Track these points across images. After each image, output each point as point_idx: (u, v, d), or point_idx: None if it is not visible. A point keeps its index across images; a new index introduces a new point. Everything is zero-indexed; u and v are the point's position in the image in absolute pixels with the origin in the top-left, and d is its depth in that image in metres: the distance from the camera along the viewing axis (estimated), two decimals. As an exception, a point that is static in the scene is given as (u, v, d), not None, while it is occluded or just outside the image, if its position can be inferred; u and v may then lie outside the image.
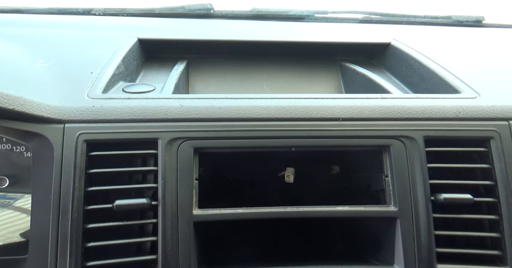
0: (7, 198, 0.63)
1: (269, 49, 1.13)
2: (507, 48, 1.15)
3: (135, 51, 1.02)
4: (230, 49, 1.11)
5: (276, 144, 0.68)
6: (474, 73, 0.88)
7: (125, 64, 0.93)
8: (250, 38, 1.09)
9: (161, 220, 0.60)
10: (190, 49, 1.10)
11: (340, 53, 1.16)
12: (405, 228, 0.64)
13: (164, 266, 0.58)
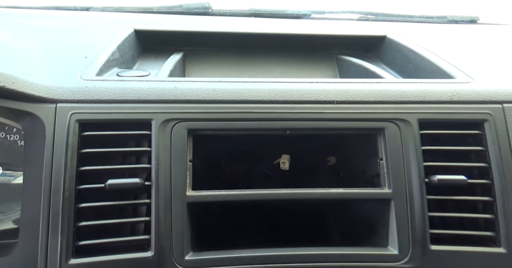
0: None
1: (266, 42, 1.13)
2: (500, 40, 1.17)
3: (131, 41, 1.01)
4: (227, 42, 1.11)
5: (271, 126, 0.68)
6: (468, 61, 0.88)
7: (120, 52, 0.93)
8: (247, 30, 1.10)
9: (154, 200, 0.59)
10: (186, 41, 1.10)
11: (336, 47, 1.16)
12: (399, 210, 0.64)
13: (157, 246, 0.57)
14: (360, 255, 0.62)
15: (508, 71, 0.83)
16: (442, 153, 0.68)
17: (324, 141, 0.94)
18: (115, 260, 0.56)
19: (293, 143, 0.89)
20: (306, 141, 0.94)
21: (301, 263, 0.60)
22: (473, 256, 0.61)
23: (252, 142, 0.92)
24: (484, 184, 0.65)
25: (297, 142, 0.92)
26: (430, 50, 0.98)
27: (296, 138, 0.92)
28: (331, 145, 0.94)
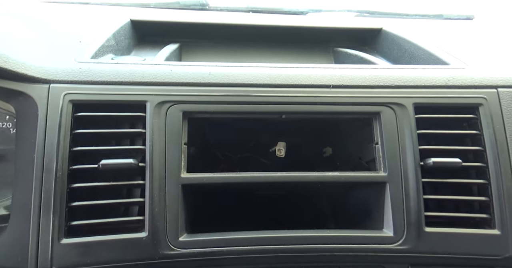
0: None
1: (262, 34, 1.13)
2: (495, 33, 1.17)
3: (126, 30, 1.01)
4: (224, 34, 1.11)
5: (267, 110, 0.67)
6: (463, 49, 0.89)
7: (116, 39, 0.92)
8: (244, 22, 1.09)
9: (148, 181, 0.59)
10: (182, 33, 1.09)
11: (333, 40, 1.16)
12: (395, 192, 0.64)
13: (151, 227, 0.57)
14: (355, 237, 0.62)
15: (502, 58, 0.83)
16: (437, 137, 0.68)
17: (320, 129, 0.94)
18: (108, 240, 0.55)
19: (289, 132, 0.89)
20: (301, 130, 0.94)
21: (297, 245, 0.60)
22: (468, 238, 0.61)
23: (247, 131, 0.92)
24: (479, 167, 0.65)
25: (293, 131, 0.91)
26: (425, 40, 0.98)
27: (291, 126, 0.92)
28: (327, 133, 0.94)
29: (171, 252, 0.57)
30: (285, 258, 0.61)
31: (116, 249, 0.55)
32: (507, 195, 0.63)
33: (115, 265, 0.55)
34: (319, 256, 0.61)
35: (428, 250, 0.61)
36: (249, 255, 0.59)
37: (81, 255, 0.53)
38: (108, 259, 0.54)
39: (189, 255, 0.57)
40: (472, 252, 0.61)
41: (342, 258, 0.62)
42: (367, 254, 0.61)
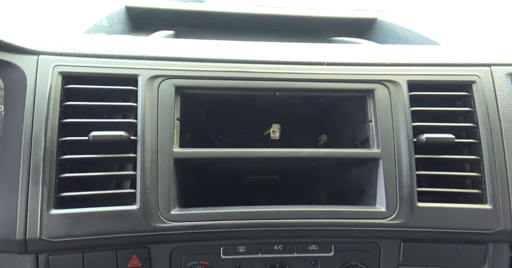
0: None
1: (258, 23, 1.12)
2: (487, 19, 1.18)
3: (121, 14, 0.99)
4: (219, 23, 1.10)
5: (260, 86, 0.67)
6: (456, 31, 0.89)
7: (109, 21, 0.91)
8: (240, 10, 1.08)
9: (140, 154, 0.58)
10: (178, 22, 1.08)
11: (329, 30, 1.16)
12: (388, 168, 0.64)
13: (142, 200, 0.56)
14: (348, 212, 0.62)
15: (495, 37, 0.84)
16: (430, 114, 0.68)
17: (315, 115, 0.94)
18: (99, 212, 0.54)
19: (284, 119, 0.89)
20: (297, 117, 0.94)
21: (290, 219, 0.60)
22: (459, 213, 0.62)
23: (242, 116, 0.91)
24: (471, 143, 0.66)
25: (288, 118, 0.91)
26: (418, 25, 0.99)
27: (287, 111, 0.92)
28: (322, 120, 0.94)
29: (162, 224, 0.56)
30: (278, 232, 0.60)
31: (106, 220, 0.54)
32: (499, 171, 0.63)
33: (105, 236, 0.54)
34: (312, 230, 0.61)
35: (420, 225, 0.61)
36: (241, 229, 0.59)
37: (71, 226, 0.53)
38: (98, 231, 0.54)
39: (181, 228, 0.57)
40: (463, 226, 0.61)
41: (335, 233, 0.62)
42: (360, 228, 0.61)
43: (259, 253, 0.64)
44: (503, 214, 0.61)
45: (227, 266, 0.63)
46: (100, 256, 0.57)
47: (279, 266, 0.65)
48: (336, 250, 0.65)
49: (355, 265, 0.66)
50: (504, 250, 0.66)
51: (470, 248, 0.66)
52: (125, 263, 0.58)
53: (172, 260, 0.61)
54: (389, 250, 0.66)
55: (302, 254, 0.65)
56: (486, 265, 0.66)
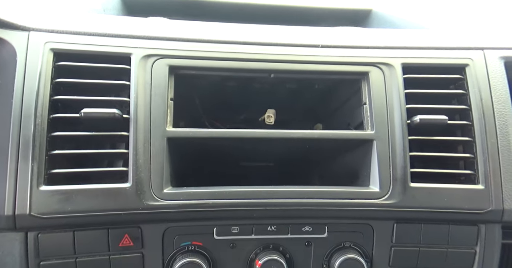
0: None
1: (253, 13, 1.12)
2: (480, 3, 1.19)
3: (115, 1, 0.98)
4: (215, 13, 1.09)
5: (255, 67, 0.66)
6: (451, 17, 0.89)
7: (103, 5, 0.90)
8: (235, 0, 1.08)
9: (132, 133, 0.58)
10: (172, 10, 1.07)
11: (324, 20, 1.16)
12: (381, 150, 0.64)
13: (135, 178, 0.56)
14: (341, 192, 0.62)
15: (488, 22, 0.84)
16: (424, 97, 0.68)
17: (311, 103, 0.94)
18: (90, 189, 0.54)
19: (280, 109, 0.89)
20: (292, 106, 0.94)
21: (283, 199, 0.60)
22: (452, 193, 0.62)
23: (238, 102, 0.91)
24: (464, 125, 0.66)
25: (284, 107, 0.91)
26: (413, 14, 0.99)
27: (282, 98, 0.92)
28: (317, 109, 0.94)
29: (155, 203, 0.56)
30: (271, 212, 0.60)
31: (98, 198, 0.54)
32: (491, 152, 0.64)
33: (97, 213, 0.53)
34: (305, 210, 0.60)
35: (413, 205, 0.62)
36: (235, 208, 0.58)
37: (61, 202, 0.52)
38: (89, 208, 0.53)
39: (173, 207, 0.56)
40: (455, 206, 0.62)
41: (329, 213, 0.62)
42: (353, 208, 0.61)
43: (252, 234, 0.64)
44: (495, 194, 0.62)
45: (220, 246, 0.63)
46: (91, 235, 0.56)
47: (272, 247, 0.65)
48: (329, 232, 0.65)
49: (349, 247, 0.66)
50: (495, 232, 0.66)
51: (462, 230, 0.66)
52: (116, 242, 0.57)
53: (164, 240, 0.60)
54: (382, 232, 0.66)
55: (296, 235, 0.65)
56: (478, 247, 0.66)
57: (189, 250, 0.62)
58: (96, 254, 0.57)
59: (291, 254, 0.65)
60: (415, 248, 0.67)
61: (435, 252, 0.66)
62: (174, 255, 0.61)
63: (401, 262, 0.67)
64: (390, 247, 0.66)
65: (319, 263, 0.66)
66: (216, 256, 0.63)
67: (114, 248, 0.57)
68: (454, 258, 0.67)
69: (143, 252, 0.59)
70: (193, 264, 0.59)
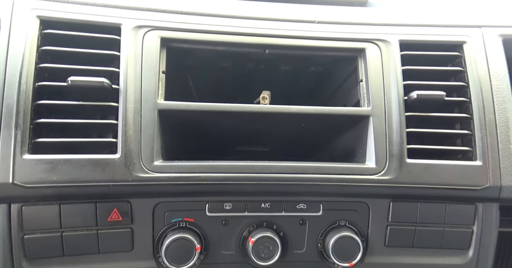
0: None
1: None
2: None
3: None
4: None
5: (249, 41, 0.65)
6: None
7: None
8: None
9: (122, 103, 0.56)
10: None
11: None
12: (378, 126, 0.63)
13: (124, 149, 0.54)
14: (337, 168, 0.60)
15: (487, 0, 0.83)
16: (421, 74, 0.67)
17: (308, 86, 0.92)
18: (77, 159, 0.52)
19: (275, 89, 0.87)
20: (290, 90, 0.92)
21: (278, 173, 0.58)
22: (448, 169, 0.61)
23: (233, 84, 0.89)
24: (462, 102, 0.65)
25: (281, 91, 0.89)
26: None
27: (279, 81, 0.90)
28: (315, 92, 0.93)
29: (145, 175, 0.54)
30: (265, 187, 0.58)
31: (85, 168, 0.52)
32: (489, 128, 0.63)
33: (84, 184, 0.51)
34: (300, 185, 0.59)
35: (409, 181, 0.60)
36: (227, 182, 0.57)
37: (46, 171, 0.50)
38: (76, 178, 0.51)
39: (164, 179, 0.54)
40: (452, 182, 0.60)
41: (324, 189, 0.60)
42: (349, 184, 0.60)
43: (245, 211, 0.62)
44: (492, 171, 0.61)
45: (212, 223, 0.61)
46: (79, 208, 0.54)
47: (266, 225, 0.63)
48: (324, 210, 0.64)
49: (344, 225, 0.65)
50: (493, 211, 0.65)
51: (459, 208, 0.65)
52: (105, 216, 0.55)
53: (155, 215, 0.58)
54: (378, 210, 0.65)
55: (290, 213, 0.63)
56: (475, 226, 0.65)
57: (180, 227, 0.60)
58: (83, 229, 0.55)
59: (285, 232, 0.64)
60: (412, 227, 0.65)
61: (431, 231, 0.65)
62: (164, 231, 0.59)
63: (397, 241, 0.65)
64: (386, 226, 0.65)
65: (313, 241, 0.65)
66: (208, 233, 0.61)
67: (102, 223, 0.55)
68: (451, 237, 0.66)
69: (133, 227, 0.57)
70: (184, 240, 0.57)
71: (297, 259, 0.64)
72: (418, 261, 0.65)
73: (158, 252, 0.58)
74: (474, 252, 0.66)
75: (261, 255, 0.60)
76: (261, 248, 0.60)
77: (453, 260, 0.66)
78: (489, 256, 0.66)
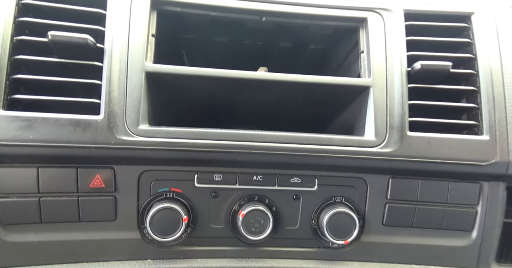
0: None
1: None
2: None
3: None
4: None
5: (245, 7, 0.61)
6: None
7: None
8: None
9: (107, 63, 0.52)
10: None
11: None
12: (378, 97, 0.59)
13: (107, 110, 0.50)
14: (333, 139, 0.57)
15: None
16: (426, 45, 0.63)
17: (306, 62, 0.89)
18: (56, 118, 0.49)
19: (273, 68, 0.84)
20: (288, 65, 0.88)
21: (270, 143, 0.55)
22: (453, 143, 0.57)
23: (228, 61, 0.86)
24: (468, 74, 0.61)
25: (278, 63, 0.86)
26: None
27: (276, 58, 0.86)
28: (313, 68, 0.89)
29: (129, 138, 0.51)
30: (256, 157, 0.55)
31: (65, 128, 0.48)
32: (497, 102, 0.59)
33: (63, 145, 0.48)
34: (293, 156, 0.55)
35: (410, 154, 0.57)
36: (217, 149, 0.53)
37: (22, 129, 0.47)
38: (54, 138, 0.48)
39: (150, 144, 0.51)
40: (456, 157, 0.57)
41: (319, 160, 0.56)
42: (345, 156, 0.56)
43: (236, 183, 0.59)
44: (500, 145, 0.57)
45: (200, 195, 0.58)
46: (58, 173, 0.51)
47: (258, 199, 0.60)
48: (320, 185, 0.61)
49: (340, 202, 0.62)
50: (499, 191, 0.61)
51: (463, 187, 0.61)
52: (86, 182, 0.52)
53: (140, 184, 0.55)
54: (376, 187, 0.61)
55: (283, 187, 0.60)
56: (479, 206, 0.62)
57: (167, 197, 0.57)
58: (62, 195, 0.52)
59: (278, 207, 0.61)
60: (412, 205, 0.62)
61: (433, 211, 0.62)
62: (150, 201, 0.56)
63: (396, 220, 0.62)
64: (385, 204, 0.62)
65: (307, 218, 0.61)
66: (196, 205, 0.58)
67: (83, 189, 0.52)
68: (453, 217, 0.62)
69: (116, 195, 0.54)
70: (170, 211, 0.54)
71: (290, 235, 0.61)
72: (417, 241, 0.62)
73: (143, 222, 0.55)
74: (478, 234, 0.62)
75: (251, 229, 0.57)
76: (251, 222, 0.57)
77: (455, 242, 0.62)
78: (493, 239, 0.62)
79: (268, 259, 0.60)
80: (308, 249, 0.61)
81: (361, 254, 0.61)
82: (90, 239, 0.54)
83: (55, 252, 0.52)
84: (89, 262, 0.53)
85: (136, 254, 0.55)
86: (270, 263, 0.59)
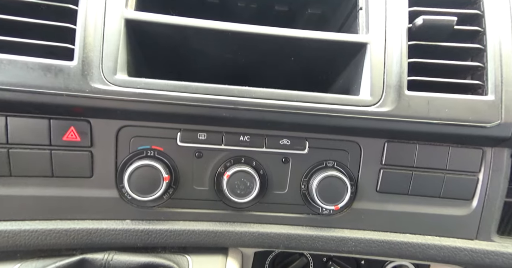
0: None
1: None
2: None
3: None
4: None
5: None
6: None
7: None
8: None
9: (82, 6, 0.49)
10: None
11: None
12: (376, 55, 0.55)
13: (82, 56, 0.47)
14: (325, 97, 0.53)
15: None
16: (430, 2, 0.59)
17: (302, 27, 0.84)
18: (24, 60, 0.45)
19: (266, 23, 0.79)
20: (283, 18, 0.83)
21: (259, 98, 0.51)
22: (454, 103, 0.53)
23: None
24: (474, 31, 0.57)
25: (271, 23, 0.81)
26: None
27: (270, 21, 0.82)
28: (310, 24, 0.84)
29: (105, 87, 0.47)
30: (243, 114, 0.51)
31: (35, 72, 0.45)
32: (505, 60, 0.55)
33: (32, 90, 0.45)
34: (282, 113, 0.52)
35: (408, 114, 0.53)
36: (200, 103, 0.50)
37: (-13, 70, 0.44)
38: (23, 82, 0.45)
39: (127, 95, 0.48)
40: (458, 117, 0.53)
41: (310, 120, 0.53)
42: (338, 115, 0.52)
43: (222, 143, 0.55)
44: (506, 106, 0.53)
45: (183, 154, 0.55)
46: (29, 123, 0.48)
47: (244, 160, 0.57)
48: (310, 147, 0.57)
49: (331, 167, 0.58)
50: (504, 157, 0.57)
51: (464, 152, 0.57)
52: (59, 134, 0.49)
53: (119, 140, 0.52)
54: (371, 151, 0.58)
55: (272, 149, 0.56)
56: (481, 174, 0.58)
57: (148, 155, 0.54)
58: (34, 147, 0.49)
59: (266, 170, 0.57)
60: (408, 171, 0.58)
61: (430, 178, 0.58)
62: (130, 159, 0.53)
63: (391, 187, 0.58)
64: (379, 169, 0.58)
65: (296, 182, 0.58)
66: (178, 165, 0.55)
67: (56, 142, 0.49)
68: (452, 185, 0.58)
69: (92, 151, 0.51)
70: (150, 168, 0.51)
71: (278, 200, 0.58)
72: (413, 209, 0.59)
73: (122, 181, 0.52)
74: (479, 203, 0.59)
75: (236, 191, 0.54)
76: (237, 184, 0.54)
77: (454, 211, 0.59)
78: (495, 209, 0.58)
79: (254, 223, 0.57)
80: (297, 215, 0.58)
81: (353, 221, 0.58)
82: (65, 196, 0.51)
83: (27, 207, 0.50)
84: (63, 219, 0.51)
85: (114, 214, 0.53)
86: (256, 228, 0.56)
